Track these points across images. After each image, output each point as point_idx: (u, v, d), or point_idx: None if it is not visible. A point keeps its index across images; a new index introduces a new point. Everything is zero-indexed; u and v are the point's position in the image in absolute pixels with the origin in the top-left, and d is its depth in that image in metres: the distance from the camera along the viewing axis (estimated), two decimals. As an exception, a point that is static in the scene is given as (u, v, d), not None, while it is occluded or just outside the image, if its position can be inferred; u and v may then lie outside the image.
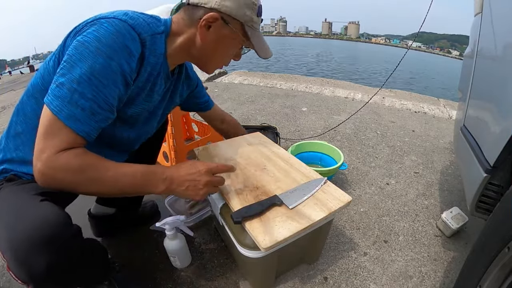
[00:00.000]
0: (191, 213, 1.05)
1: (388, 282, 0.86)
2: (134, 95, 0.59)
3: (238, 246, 0.67)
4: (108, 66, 0.49)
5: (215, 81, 3.35)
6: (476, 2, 0.89)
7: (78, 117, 0.48)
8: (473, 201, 0.71)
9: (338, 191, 0.74)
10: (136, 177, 0.54)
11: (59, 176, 0.48)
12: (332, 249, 0.97)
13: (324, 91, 2.91)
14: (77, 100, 0.47)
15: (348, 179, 1.38)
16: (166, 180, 0.58)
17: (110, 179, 0.51)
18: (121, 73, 0.51)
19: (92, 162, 0.51)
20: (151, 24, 0.57)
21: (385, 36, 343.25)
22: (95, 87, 0.48)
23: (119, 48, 0.50)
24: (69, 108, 0.47)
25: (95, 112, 0.50)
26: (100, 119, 0.51)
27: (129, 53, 0.51)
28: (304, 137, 1.81)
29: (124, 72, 0.51)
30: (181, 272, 0.87)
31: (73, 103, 0.47)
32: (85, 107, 0.48)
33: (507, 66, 0.62)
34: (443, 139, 1.89)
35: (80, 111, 0.48)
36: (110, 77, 0.49)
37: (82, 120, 0.49)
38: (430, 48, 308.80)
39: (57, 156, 0.47)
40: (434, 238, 1.04)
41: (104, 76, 0.49)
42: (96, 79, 0.48)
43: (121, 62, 0.50)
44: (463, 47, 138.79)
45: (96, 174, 0.50)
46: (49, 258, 0.45)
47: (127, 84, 0.53)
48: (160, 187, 0.57)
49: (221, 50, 0.65)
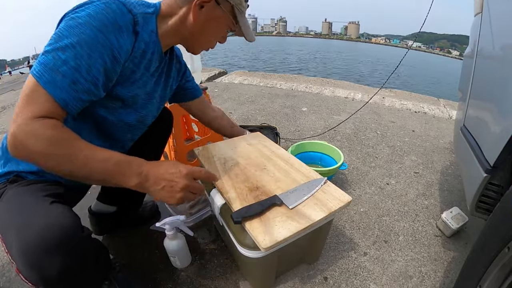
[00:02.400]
0: (191, 213, 1.05)
1: (388, 282, 0.86)
2: (129, 73, 0.58)
3: (238, 246, 0.67)
4: (95, 38, 0.48)
5: (215, 81, 3.35)
6: (476, 2, 0.89)
7: (58, 83, 0.47)
8: (473, 201, 0.71)
9: (338, 191, 0.74)
10: (108, 163, 0.50)
11: (30, 143, 0.45)
12: (332, 249, 0.97)
13: (324, 91, 2.91)
14: (59, 67, 0.47)
15: (348, 179, 1.38)
16: (141, 175, 0.53)
17: (81, 159, 0.48)
18: (109, 47, 0.50)
19: (67, 137, 0.48)
20: (142, 5, 0.59)
21: (385, 36, 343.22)
22: (80, 56, 0.48)
23: (109, 23, 0.50)
24: (50, 74, 0.46)
25: (76, 80, 0.48)
26: (81, 89, 0.49)
27: (119, 29, 0.51)
28: (304, 137, 1.81)
29: (112, 46, 0.51)
30: (181, 272, 0.87)
31: (55, 70, 0.47)
32: (66, 74, 0.47)
33: (507, 66, 0.62)
34: (443, 139, 1.89)
35: (61, 77, 0.47)
36: (96, 48, 0.49)
37: (62, 87, 0.47)
38: (430, 48, 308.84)
39: (33, 121, 0.46)
40: (434, 238, 1.04)
41: (90, 47, 0.48)
42: (81, 49, 0.48)
43: (110, 36, 0.50)
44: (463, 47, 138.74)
45: (67, 150, 0.47)
46: (62, 261, 0.45)
47: (115, 59, 0.52)
48: (132, 181, 0.52)
49: (211, 30, 0.67)
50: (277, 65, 18.33)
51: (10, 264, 0.49)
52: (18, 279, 0.84)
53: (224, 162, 0.85)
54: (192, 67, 1.24)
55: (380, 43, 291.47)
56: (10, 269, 0.88)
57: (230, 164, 0.83)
